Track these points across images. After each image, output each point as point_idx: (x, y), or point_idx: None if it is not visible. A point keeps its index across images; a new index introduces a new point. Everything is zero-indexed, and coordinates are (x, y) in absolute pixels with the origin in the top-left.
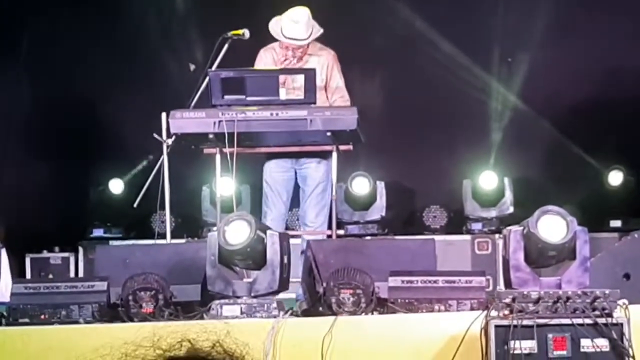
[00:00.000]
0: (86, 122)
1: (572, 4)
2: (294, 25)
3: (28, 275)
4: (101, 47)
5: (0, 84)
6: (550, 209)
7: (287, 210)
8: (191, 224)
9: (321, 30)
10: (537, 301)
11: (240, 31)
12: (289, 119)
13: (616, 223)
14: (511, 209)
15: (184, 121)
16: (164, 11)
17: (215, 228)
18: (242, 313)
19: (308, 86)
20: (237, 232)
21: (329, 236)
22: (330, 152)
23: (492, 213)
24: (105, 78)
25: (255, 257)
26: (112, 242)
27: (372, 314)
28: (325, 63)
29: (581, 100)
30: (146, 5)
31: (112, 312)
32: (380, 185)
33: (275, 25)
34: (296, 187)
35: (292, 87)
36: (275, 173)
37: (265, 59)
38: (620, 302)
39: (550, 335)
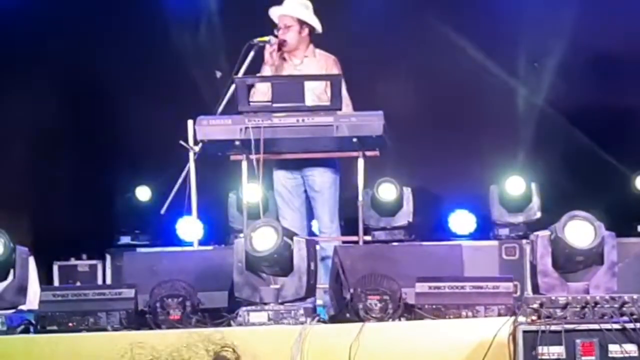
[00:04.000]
0: (113, 130)
1: (598, 6)
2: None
3: (56, 283)
4: (128, 55)
5: (27, 93)
6: (577, 214)
7: (303, 217)
8: (218, 230)
9: (316, 21)
10: (565, 306)
11: (266, 38)
12: (315, 125)
13: None
14: (538, 214)
15: (210, 128)
16: (190, 18)
17: (242, 235)
18: (269, 319)
19: (334, 92)
20: (264, 239)
21: (356, 242)
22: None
23: (520, 218)
24: (131, 85)
25: (282, 264)
26: (140, 249)
27: (400, 320)
28: (323, 66)
29: (608, 104)
30: (173, 13)
31: (139, 319)
32: (407, 191)
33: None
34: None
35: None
36: (285, 180)
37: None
38: None
39: (578, 341)
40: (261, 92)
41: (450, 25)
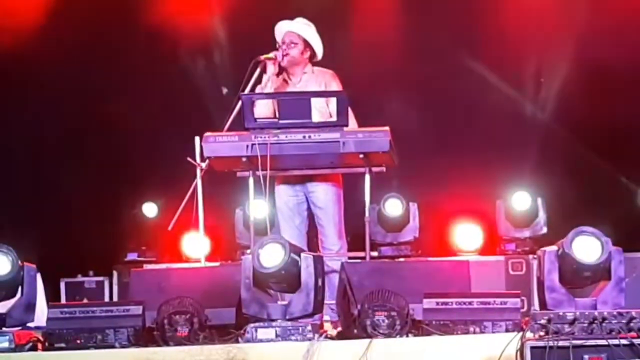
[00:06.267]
0: (120, 146)
1: (604, 22)
2: (289, 21)
3: (63, 300)
4: (135, 72)
5: (33, 110)
6: (584, 229)
7: (302, 235)
8: (225, 247)
9: (319, 47)
10: (572, 322)
11: (271, 55)
12: (321, 142)
13: None
14: (545, 230)
15: (217, 144)
16: (197, 35)
17: (249, 251)
18: (277, 336)
19: (340, 109)
20: (272, 255)
21: (362, 258)
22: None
23: (526, 233)
24: (138, 101)
25: (289, 280)
26: (146, 266)
27: (407, 336)
28: (322, 82)
29: (614, 119)
30: (179, 30)
31: (147, 336)
32: (413, 207)
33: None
34: (311, 217)
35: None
36: (286, 197)
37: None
38: None
39: (586, 357)
40: (265, 104)
41: (455, 41)
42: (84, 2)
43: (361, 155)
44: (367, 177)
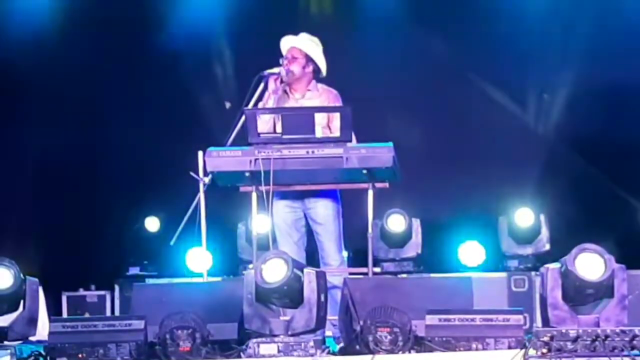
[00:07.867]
0: (122, 160)
1: (608, 37)
2: (293, 36)
3: (64, 314)
4: (137, 87)
5: (34, 124)
6: (587, 246)
7: (301, 250)
8: (227, 261)
9: (323, 62)
10: (575, 339)
11: (276, 69)
12: (324, 157)
13: None
14: (547, 246)
15: (220, 159)
16: (200, 50)
17: (251, 266)
18: (279, 352)
19: (344, 124)
20: (274, 271)
21: (364, 274)
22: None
23: (528, 250)
24: (141, 116)
25: (292, 296)
26: (148, 280)
27: (410, 352)
28: (325, 101)
29: (617, 135)
30: (183, 44)
31: (149, 351)
32: (416, 223)
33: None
34: (310, 232)
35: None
36: (284, 213)
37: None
38: None
39: None
40: (264, 121)
41: (458, 57)
42: (87, 17)
43: (364, 171)
44: (370, 193)
